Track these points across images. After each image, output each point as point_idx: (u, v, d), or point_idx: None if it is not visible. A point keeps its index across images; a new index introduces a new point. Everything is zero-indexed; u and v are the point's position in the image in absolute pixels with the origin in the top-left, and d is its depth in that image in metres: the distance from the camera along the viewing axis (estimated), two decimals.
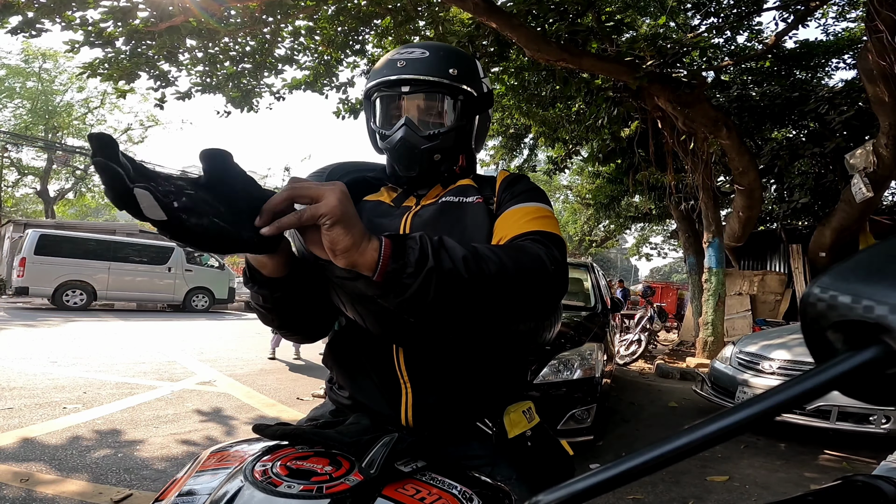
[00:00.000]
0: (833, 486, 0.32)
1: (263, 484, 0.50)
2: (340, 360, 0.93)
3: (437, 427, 0.86)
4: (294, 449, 0.59)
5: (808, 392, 0.25)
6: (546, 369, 3.26)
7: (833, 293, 0.26)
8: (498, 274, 0.65)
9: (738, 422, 0.26)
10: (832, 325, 0.27)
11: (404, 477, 0.57)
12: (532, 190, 0.92)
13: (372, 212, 0.96)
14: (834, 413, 3.62)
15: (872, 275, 0.25)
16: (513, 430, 0.87)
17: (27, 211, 23.53)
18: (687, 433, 0.27)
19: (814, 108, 7.62)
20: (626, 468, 0.28)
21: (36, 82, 20.21)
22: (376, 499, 0.51)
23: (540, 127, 8.28)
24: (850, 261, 0.27)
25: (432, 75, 0.90)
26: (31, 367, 4.87)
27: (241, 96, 6.50)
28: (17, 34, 4.53)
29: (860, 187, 6.67)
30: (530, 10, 5.37)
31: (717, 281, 7.38)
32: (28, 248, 10.84)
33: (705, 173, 6.81)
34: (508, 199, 0.90)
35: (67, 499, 2.35)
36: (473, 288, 0.63)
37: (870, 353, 0.24)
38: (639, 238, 22.47)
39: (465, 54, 0.98)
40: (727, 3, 6.83)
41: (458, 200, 0.92)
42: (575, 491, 0.29)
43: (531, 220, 0.83)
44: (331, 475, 0.53)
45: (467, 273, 0.62)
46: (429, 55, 0.92)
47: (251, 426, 0.71)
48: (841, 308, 0.26)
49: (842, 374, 0.25)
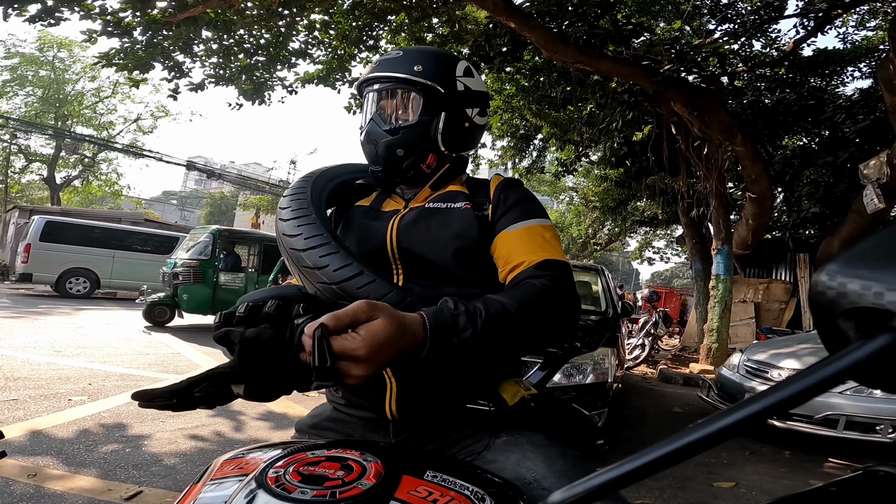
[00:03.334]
0: (855, 477, 0.31)
1: (277, 490, 0.51)
2: None
3: (423, 417, 0.87)
4: (306, 454, 0.59)
5: (825, 381, 0.25)
6: (559, 374, 3.25)
7: (842, 280, 0.26)
8: (520, 330, 0.72)
9: (761, 410, 0.26)
10: (843, 312, 0.26)
11: (417, 475, 0.58)
12: (527, 201, 0.93)
13: (363, 216, 0.99)
14: (842, 422, 3.62)
15: (880, 260, 0.25)
16: (512, 398, 0.85)
17: (33, 198, 23.56)
18: (705, 426, 0.27)
19: (829, 117, 7.57)
20: (641, 463, 0.27)
21: (49, 71, 20.26)
22: (389, 502, 0.51)
23: (551, 128, 8.25)
24: (857, 247, 0.26)
25: (397, 72, 0.93)
26: (35, 357, 4.85)
27: (253, 89, 6.49)
28: (36, 22, 4.50)
29: (872, 198, 6.63)
30: (549, 10, 5.34)
31: (725, 288, 7.36)
32: (33, 234, 10.85)
33: (718, 180, 6.78)
34: (505, 211, 0.91)
35: (77, 496, 2.30)
36: (500, 346, 0.70)
37: (883, 340, 0.24)
38: (642, 242, 22.42)
39: (442, 53, 1.00)
40: (745, 10, 6.79)
41: (445, 206, 0.93)
42: (590, 487, 0.28)
43: (537, 245, 0.85)
44: (343, 480, 0.53)
45: (499, 337, 0.69)
46: (402, 55, 0.96)
47: (260, 422, 0.70)
48: (851, 295, 0.25)
49: (856, 362, 0.24)
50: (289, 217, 0.90)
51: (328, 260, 0.82)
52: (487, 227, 0.91)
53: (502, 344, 0.70)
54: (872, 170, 6.59)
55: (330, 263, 0.82)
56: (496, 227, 0.90)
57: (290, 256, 0.88)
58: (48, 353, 5.11)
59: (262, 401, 0.60)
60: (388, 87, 0.96)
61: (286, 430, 3.59)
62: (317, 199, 0.94)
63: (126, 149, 21.56)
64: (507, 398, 0.85)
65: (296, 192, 0.95)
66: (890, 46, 5.41)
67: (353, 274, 0.80)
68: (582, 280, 5.41)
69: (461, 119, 0.98)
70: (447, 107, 0.96)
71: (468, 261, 0.89)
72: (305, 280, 0.86)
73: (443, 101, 0.95)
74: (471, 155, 1.08)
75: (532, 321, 0.73)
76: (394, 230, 0.92)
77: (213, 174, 23.95)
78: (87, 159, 21.99)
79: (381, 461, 0.57)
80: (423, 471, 0.59)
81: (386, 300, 0.75)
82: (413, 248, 0.90)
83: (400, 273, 0.92)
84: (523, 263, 0.83)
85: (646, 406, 5.28)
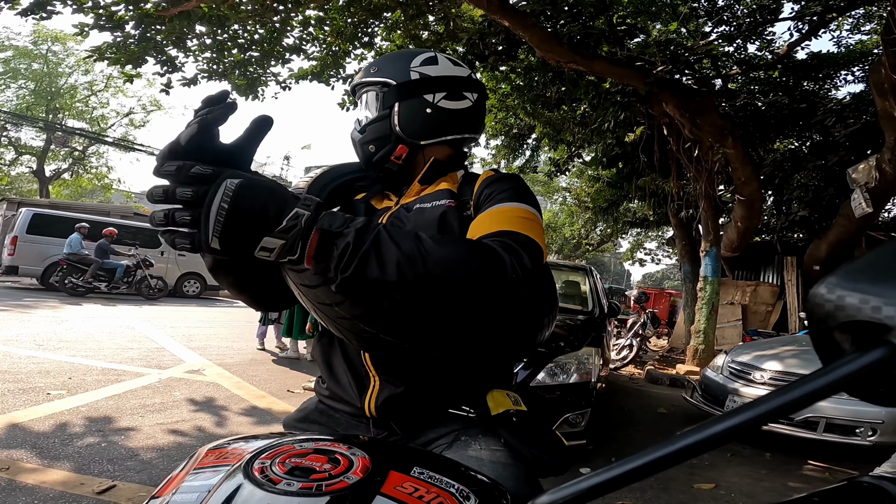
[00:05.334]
0: (839, 487, 0.31)
1: (262, 482, 0.50)
2: (323, 355, 0.97)
3: (401, 417, 0.85)
4: (293, 446, 0.58)
5: (817, 392, 0.25)
6: (542, 373, 3.25)
7: (841, 293, 0.26)
8: (437, 265, 0.60)
9: (752, 419, 0.26)
10: (839, 325, 0.26)
11: (405, 472, 0.57)
12: (515, 189, 0.86)
13: (364, 213, 1.00)
14: (822, 424, 3.65)
15: (880, 275, 0.25)
16: (497, 408, 0.82)
17: (22, 190, 23.29)
18: (687, 436, 0.27)
19: (820, 120, 7.64)
20: (627, 470, 0.28)
21: (42, 64, 20.06)
22: (375, 497, 0.51)
23: (545, 128, 8.28)
24: (857, 261, 0.27)
25: (360, 79, 1.02)
26: (17, 350, 4.79)
27: (247, 84, 6.44)
28: (28, 16, 4.43)
29: (860, 202, 6.71)
30: (544, 10, 5.35)
31: (712, 290, 7.41)
32: (21, 226, 10.69)
33: (708, 182, 6.83)
34: (486, 199, 0.86)
35: (49, 489, 2.29)
36: (406, 276, 0.58)
37: (877, 354, 0.24)
38: (633, 243, 22.54)
39: (402, 52, 1.04)
40: (741, 13, 6.84)
41: (430, 205, 0.92)
42: (577, 491, 0.29)
43: (505, 220, 0.77)
44: (330, 473, 0.52)
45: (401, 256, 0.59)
46: (369, 64, 1.05)
47: (243, 417, 0.69)
48: (848, 308, 0.26)
49: (849, 374, 0.25)
50: None
51: None
52: (468, 224, 0.86)
53: (398, 287, 0.58)
54: (861, 174, 6.67)
55: None
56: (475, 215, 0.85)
57: None
58: (30, 346, 5.05)
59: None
60: (358, 93, 1.05)
61: (269, 426, 3.57)
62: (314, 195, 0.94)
63: (117, 142, 21.36)
64: (492, 406, 0.82)
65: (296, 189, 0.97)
66: (883, 51, 5.46)
67: None
68: (570, 280, 5.44)
69: (421, 106, 0.97)
70: (401, 97, 0.98)
71: None
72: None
73: (397, 92, 0.98)
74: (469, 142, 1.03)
75: (451, 277, 0.60)
76: None
77: None
78: (78, 152, 21.76)
79: (368, 455, 0.57)
80: (411, 467, 0.58)
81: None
82: None
83: None
84: (483, 234, 0.75)
85: (632, 406, 5.31)
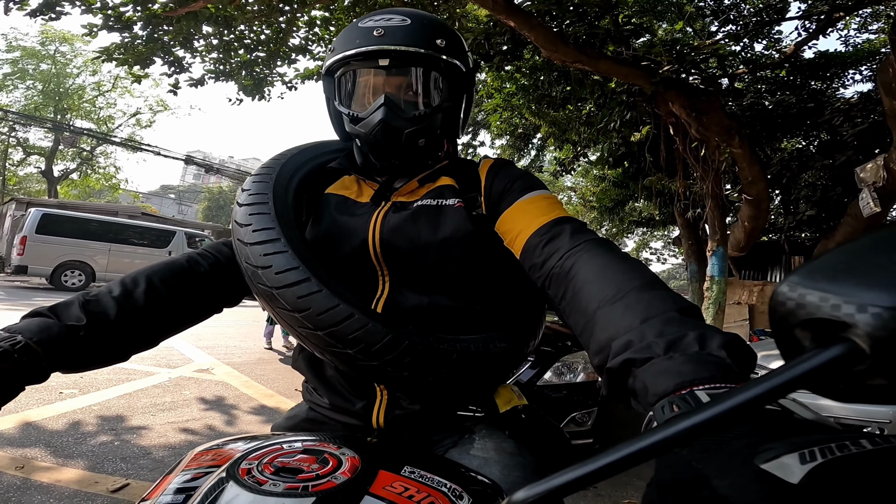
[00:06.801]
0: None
1: (248, 482, 0.50)
2: (313, 366, 0.87)
3: (410, 427, 0.81)
4: (281, 447, 0.58)
5: (776, 389, 0.26)
6: (549, 372, 3.25)
7: (801, 291, 0.27)
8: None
9: (714, 416, 0.26)
10: (800, 322, 0.27)
11: (395, 472, 0.57)
12: (524, 177, 0.82)
13: (337, 208, 0.85)
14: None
15: (839, 273, 0.26)
16: (504, 405, 0.81)
17: (30, 190, 23.49)
18: (663, 429, 0.27)
19: (828, 120, 7.59)
20: (605, 464, 0.28)
21: (50, 65, 20.22)
22: (363, 497, 0.51)
23: (550, 128, 8.26)
24: (819, 260, 0.27)
25: (418, 46, 0.77)
26: None
27: (253, 84, 6.48)
28: (37, 16, 4.46)
29: (868, 202, 6.65)
30: (549, 10, 5.34)
31: (719, 290, 7.37)
32: (30, 226, 10.80)
33: (715, 181, 6.79)
34: (500, 196, 0.81)
35: (64, 487, 2.31)
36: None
37: (836, 351, 0.25)
38: (639, 243, 22.44)
39: (448, 25, 0.86)
40: (748, 12, 6.80)
41: (435, 203, 0.82)
42: (552, 486, 0.29)
43: (540, 214, 0.75)
44: (318, 473, 0.52)
45: None
46: (411, 23, 0.79)
47: (252, 416, 0.70)
48: (809, 306, 0.26)
49: (808, 371, 0.25)
50: (244, 202, 0.78)
51: (272, 260, 0.70)
52: (485, 225, 0.81)
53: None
54: (869, 173, 6.61)
55: (273, 264, 0.70)
56: (497, 212, 0.80)
57: (238, 250, 0.75)
58: None
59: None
60: (408, 63, 0.79)
61: None
62: (283, 186, 0.82)
63: (124, 142, 21.51)
64: (500, 404, 0.81)
65: (261, 172, 0.83)
66: (890, 50, 5.42)
67: (297, 280, 0.68)
68: None
69: (472, 100, 0.89)
70: (468, 88, 0.85)
71: (466, 267, 0.81)
72: (249, 281, 0.74)
73: (465, 81, 0.84)
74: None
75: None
76: (377, 229, 0.80)
77: (211, 168, 23.92)
78: (85, 153, 21.93)
79: (358, 455, 0.57)
80: (401, 466, 0.58)
81: (329, 315, 0.67)
82: (402, 251, 0.80)
83: (386, 279, 0.82)
84: (535, 229, 0.72)
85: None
